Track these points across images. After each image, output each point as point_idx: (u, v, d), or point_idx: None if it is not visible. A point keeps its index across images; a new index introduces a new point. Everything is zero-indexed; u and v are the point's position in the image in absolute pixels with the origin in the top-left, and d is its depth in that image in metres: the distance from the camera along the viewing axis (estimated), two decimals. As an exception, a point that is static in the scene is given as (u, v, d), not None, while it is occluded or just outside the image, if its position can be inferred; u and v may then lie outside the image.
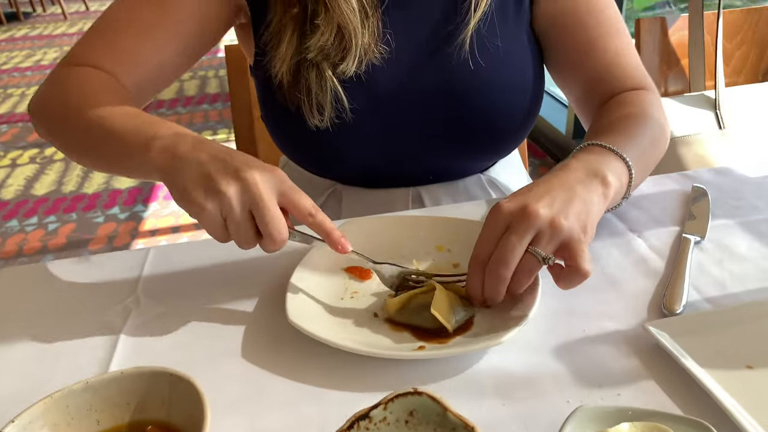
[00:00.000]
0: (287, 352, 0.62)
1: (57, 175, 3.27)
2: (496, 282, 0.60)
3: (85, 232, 2.73)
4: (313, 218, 0.63)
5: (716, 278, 0.69)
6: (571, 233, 0.60)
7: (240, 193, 0.59)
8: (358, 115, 0.83)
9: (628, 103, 0.81)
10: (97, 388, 0.50)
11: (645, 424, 0.47)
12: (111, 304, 0.71)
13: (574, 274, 0.59)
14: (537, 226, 0.59)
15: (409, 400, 0.46)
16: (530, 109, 0.88)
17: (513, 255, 0.59)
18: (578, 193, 0.62)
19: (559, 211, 0.60)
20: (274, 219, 0.60)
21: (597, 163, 0.67)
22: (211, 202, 0.59)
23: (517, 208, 0.60)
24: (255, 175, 0.60)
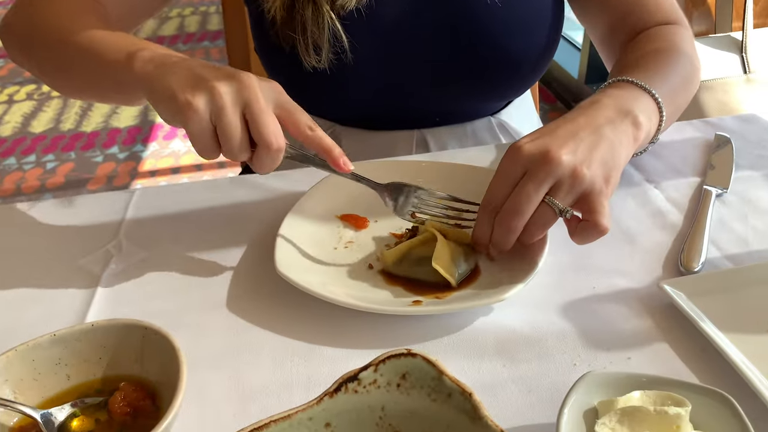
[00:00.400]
0: (275, 304, 0.58)
1: (55, 113, 3.21)
2: (506, 232, 0.56)
3: (84, 172, 2.69)
4: (312, 132, 0.57)
5: (738, 234, 0.65)
6: (592, 184, 0.55)
7: (234, 90, 0.53)
8: (358, 54, 0.77)
9: (659, 37, 0.75)
10: (67, 342, 0.47)
11: (658, 393, 0.43)
12: (91, 248, 0.67)
13: (591, 229, 0.55)
14: (557, 174, 0.54)
15: (402, 361, 0.42)
16: (547, 48, 0.82)
17: (528, 205, 0.55)
18: (606, 135, 0.57)
19: (582, 159, 0.55)
20: (271, 123, 0.54)
21: (628, 100, 0.61)
22: (201, 99, 0.53)
23: (537, 151, 0.55)
24: (252, 78, 0.54)
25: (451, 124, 0.90)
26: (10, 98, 3.39)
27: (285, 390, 0.50)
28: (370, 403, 0.41)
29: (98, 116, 3.15)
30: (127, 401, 0.44)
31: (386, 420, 0.41)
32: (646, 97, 0.63)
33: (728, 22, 1.33)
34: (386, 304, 0.56)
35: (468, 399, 0.38)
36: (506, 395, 0.49)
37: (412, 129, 0.89)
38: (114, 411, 0.44)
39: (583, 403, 0.43)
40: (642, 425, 0.41)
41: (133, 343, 0.47)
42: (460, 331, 0.55)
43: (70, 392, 0.46)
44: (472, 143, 0.90)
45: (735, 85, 1.21)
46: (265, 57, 0.84)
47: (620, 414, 0.41)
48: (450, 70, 0.81)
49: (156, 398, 0.46)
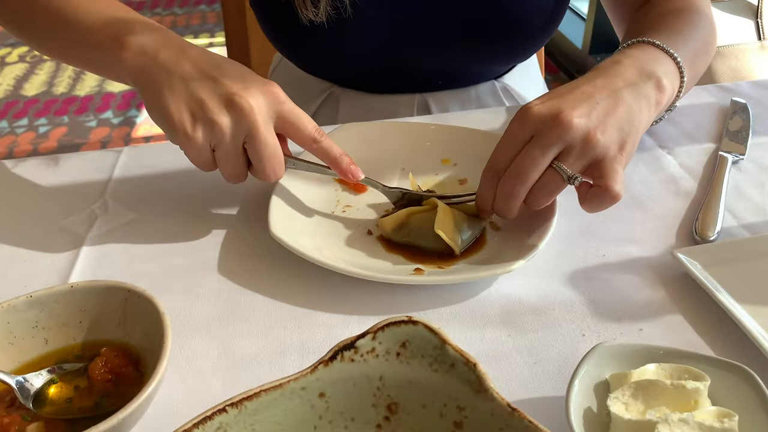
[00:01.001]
0: (268, 268, 0.55)
1: (48, 76, 3.14)
2: (508, 198, 0.52)
3: (77, 136, 2.64)
4: (317, 144, 0.55)
5: (756, 202, 0.62)
6: (606, 150, 0.51)
7: (233, 123, 0.52)
8: (358, 9, 0.73)
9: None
10: (45, 304, 0.44)
11: (674, 366, 0.40)
12: (75, 209, 0.63)
13: (603, 195, 0.51)
14: (567, 139, 0.50)
15: (401, 329, 0.39)
16: (556, 9, 0.78)
17: (533, 170, 0.51)
18: (624, 99, 0.53)
19: (596, 124, 0.51)
20: (270, 154, 0.53)
21: (650, 62, 0.57)
22: (201, 132, 0.52)
23: (547, 113, 0.51)
24: (251, 101, 0.52)
25: (453, 88, 0.86)
26: (1, 60, 3.32)
27: (277, 358, 0.48)
28: (368, 372, 0.38)
29: (92, 80, 3.09)
30: (108, 367, 0.41)
31: (384, 391, 0.38)
32: (668, 59, 0.59)
33: (743, -13, 1.28)
34: (386, 272, 0.53)
35: (472, 370, 0.36)
36: (511, 366, 0.46)
37: (414, 93, 0.85)
38: (94, 377, 0.41)
39: (594, 376, 0.41)
40: (658, 400, 0.38)
41: (116, 307, 0.44)
42: (462, 300, 0.52)
43: (47, 357, 0.44)
44: (476, 108, 0.87)
45: (749, 51, 1.17)
46: (259, 10, 0.80)
47: (634, 388, 0.39)
48: (455, 29, 0.77)
49: (140, 365, 0.43)
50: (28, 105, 2.89)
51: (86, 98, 2.94)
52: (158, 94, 0.53)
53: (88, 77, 3.12)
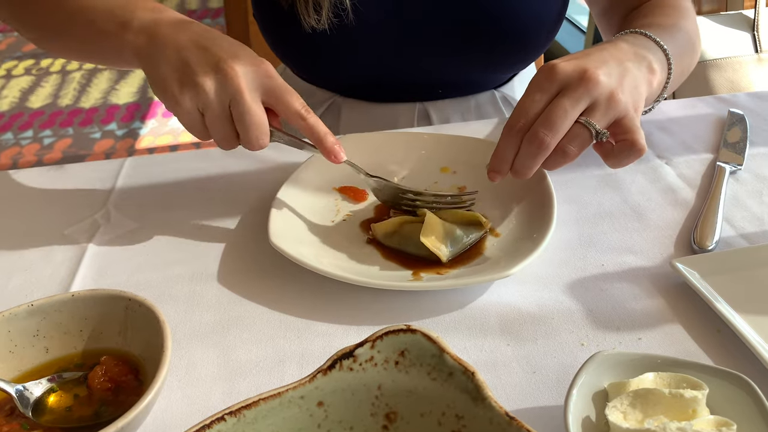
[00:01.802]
0: (268, 277, 0.56)
1: (53, 88, 3.16)
2: (537, 149, 0.51)
3: (82, 148, 2.65)
4: (304, 121, 0.55)
5: (753, 212, 0.62)
6: (626, 109, 0.52)
7: (218, 86, 0.53)
8: (360, 16, 0.74)
9: (662, 5, 0.72)
10: (46, 312, 0.44)
11: (673, 375, 0.41)
12: (78, 218, 0.64)
13: (629, 149, 0.52)
14: (595, 94, 0.51)
15: (400, 338, 0.39)
16: (557, 15, 0.79)
17: (564, 120, 0.51)
18: (631, 69, 0.55)
19: (617, 84, 0.53)
20: (253, 122, 0.53)
21: (643, 48, 0.59)
22: (187, 96, 0.53)
23: (575, 70, 0.52)
24: (237, 68, 0.53)
25: (454, 97, 0.86)
26: (8, 73, 3.35)
27: (277, 367, 0.48)
28: (366, 381, 0.38)
29: (97, 92, 3.11)
30: (108, 376, 0.42)
31: (383, 399, 0.38)
32: (658, 49, 0.62)
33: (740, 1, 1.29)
34: (385, 279, 0.53)
35: (470, 378, 0.36)
36: (510, 375, 0.46)
37: (414, 101, 0.85)
38: (94, 386, 0.41)
39: (592, 385, 0.41)
40: (656, 409, 0.38)
41: (117, 315, 0.44)
42: (461, 308, 0.52)
43: (48, 366, 0.44)
44: (476, 117, 0.87)
45: (746, 64, 1.17)
46: (262, 17, 0.81)
47: (632, 396, 0.39)
48: (456, 37, 0.78)
49: (139, 373, 0.43)
50: (33, 117, 2.91)
51: (91, 110, 2.96)
52: (155, 65, 0.55)
53: (93, 89, 3.14)
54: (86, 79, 3.21)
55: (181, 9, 4.16)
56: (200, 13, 4.09)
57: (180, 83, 0.53)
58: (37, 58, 3.50)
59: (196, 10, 4.15)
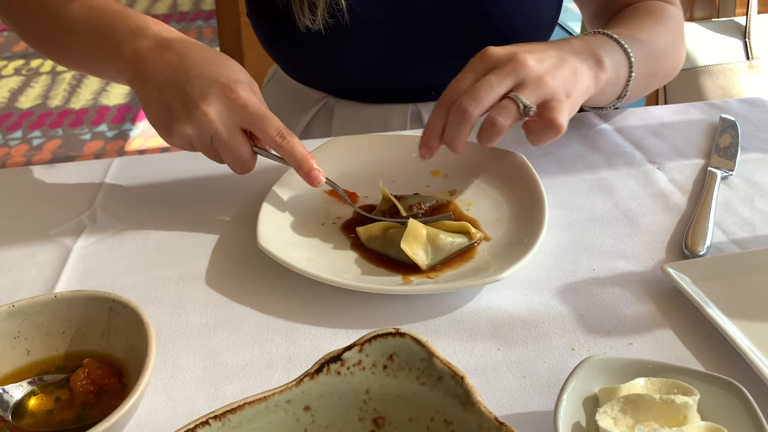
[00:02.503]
0: (257, 280, 0.55)
1: (43, 89, 3.14)
2: (461, 117, 0.54)
3: (71, 149, 2.63)
4: (280, 147, 0.57)
5: (745, 218, 0.62)
6: (555, 92, 0.55)
7: (197, 132, 0.56)
8: (355, 15, 0.73)
9: (646, 12, 0.74)
10: (27, 314, 0.43)
11: (664, 380, 0.40)
12: (63, 218, 0.63)
13: (548, 126, 0.54)
14: (522, 74, 0.54)
15: (389, 341, 0.39)
16: (550, 20, 0.80)
17: (488, 92, 0.54)
18: (569, 61, 0.58)
19: (548, 70, 0.55)
20: (233, 155, 0.57)
21: (596, 45, 0.62)
22: (175, 136, 0.57)
23: (505, 53, 0.56)
24: (209, 110, 0.55)
25: None
26: (-3, 73, 3.32)
27: (264, 370, 0.47)
28: (354, 385, 0.38)
29: (87, 93, 3.09)
30: (90, 379, 0.41)
31: (371, 404, 0.38)
32: (617, 47, 0.63)
33: (731, 8, 1.29)
34: (375, 282, 0.53)
35: (460, 383, 0.35)
36: (500, 380, 0.46)
37: (407, 103, 0.85)
38: (76, 389, 0.41)
39: (582, 390, 0.40)
40: (646, 414, 0.38)
41: (100, 317, 0.43)
42: (451, 312, 0.52)
43: (29, 368, 0.43)
44: None
45: (737, 70, 1.18)
46: (256, 16, 0.80)
47: (623, 402, 0.38)
48: (450, 39, 0.78)
49: (123, 376, 0.42)
50: (23, 117, 2.88)
51: (81, 111, 2.93)
52: (143, 103, 0.59)
53: (84, 90, 3.12)
54: (77, 80, 3.19)
55: (173, 12, 4.14)
56: (193, 15, 4.07)
57: (165, 128, 0.57)
58: (27, 58, 3.47)
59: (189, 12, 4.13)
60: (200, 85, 0.56)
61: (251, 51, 1.13)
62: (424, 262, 0.54)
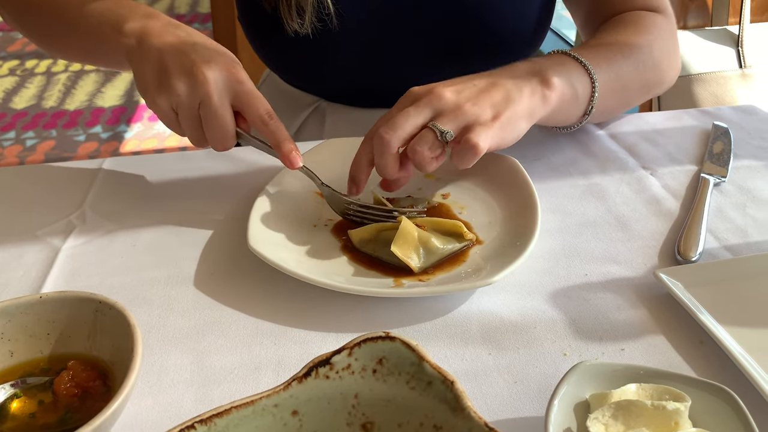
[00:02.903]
0: (246, 283, 0.54)
1: (37, 90, 3.13)
2: (380, 146, 0.56)
3: (65, 150, 2.62)
4: (265, 126, 0.58)
5: (737, 224, 0.62)
6: (477, 117, 0.56)
7: (189, 90, 0.56)
8: (344, 20, 0.73)
9: (630, 23, 0.73)
10: (12, 314, 0.42)
11: (655, 386, 0.40)
12: (52, 219, 0.62)
13: (465, 147, 0.54)
14: (438, 105, 0.56)
15: (378, 345, 0.38)
16: (541, 24, 0.79)
17: (404, 122, 0.56)
18: (503, 84, 0.58)
19: (467, 98, 0.57)
20: (218, 125, 0.57)
21: (547, 66, 0.62)
22: (163, 96, 0.57)
23: (426, 89, 0.58)
24: (208, 73, 0.56)
25: None
26: (-9, 73, 3.30)
27: (252, 374, 0.46)
28: (343, 390, 0.37)
29: (82, 95, 3.07)
30: (75, 382, 0.40)
31: (359, 409, 0.37)
32: (574, 65, 0.64)
33: (725, 17, 1.30)
34: (365, 285, 0.52)
35: (450, 388, 0.35)
36: (491, 385, 0.45)
37: None
38: (60, 392, 0.40)
39: (574, 396, 0.40)
40: (638, 420, 0.37)
41: (86, 319, 0.43)
42: (442, 316, 0.51)
43: (12, 370, 0.42)
44: None
45: (730, 79, 1.18)
46: (246, 21, 0.80)
47: (614, 408, 0.38)
48: (440, 43, 0.77)
49: (108, 379, 0.42)
50: (17, 118, 2.86)
51: (75, 112, 2.92)
52: (139, 66, 0.59)
53: (79, 91, 3.10)
54: (71, 81, 3.17)
55: (170, 14, 4.14)
56: (189, 18, 4.07)
57: (157, 85, 0.57)
58: (22, 58, 3.46)
59: (185, 15, 4.13)
60: (204, 53, 0.57)
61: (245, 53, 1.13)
62: (416, 264, 0.53)
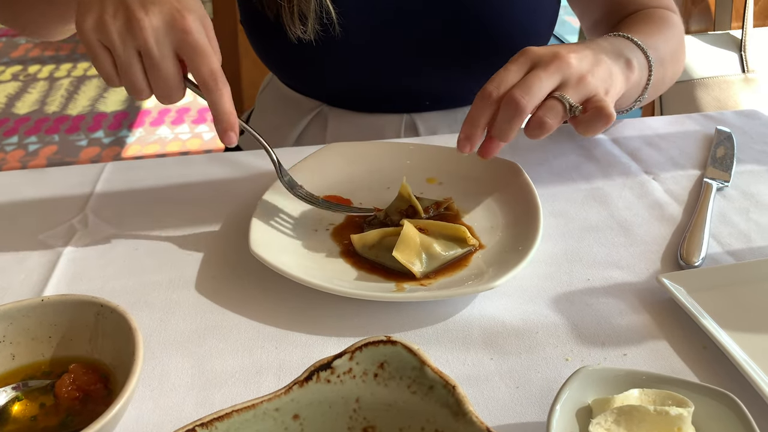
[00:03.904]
0: (248, 286, 0.54)
1: (40, 95, 3.14)
2: (514, 111, 0.53)
3: (67, 155, 2.62)
4: (208, 92, 0.52)
5: (740, 229, 0.61)
6: (597, 89, 0.55)
7: (122, 40, 0.50)
8: (346, 27, 0.73)
9: (650, 14, 0.74)
10: (13, 318, 0.42)
11: (658, 391, 0.40)
12: (54, 223, 0.62)
13: (598, 114, 0.54)
14: (566, 73, 0.55)
15: (380, 349, 0.38)
16: (545, 27, 0.80)
17: (539, 87, 0.53)
18: (605, 61, 0.58)
19: (588, 69, 0.56)
20: (162, 79, 0.51)
21: (623, 48, 0.63)
22: (95, 32, 0.51)
23: (548, 51, 0.56)
24: (146, 22, 0.50)
25: (441, 109, 0.86)
26: (-6, 78, 3.32)
27: (253, 378, 0.46)
28: (344, 394, 0.37)
29: (84, 100, 3.08)
30: (76, 385, 0.40)
31: (361, 413, 0.37)
32: (638, 51, 0.64)
33: (727, 21, 1.30)
34: (367, 289, 0.52)
35: (451, 392, 0.35)
36: (492, 390, 0.45)
37: (402, 113, 0.85)
38: (61, 395, 0.40)
39: (576, 401, 0.40)
40: (640, 426, 0.37)
41: (87, 322, 0.43)
42: (444, 320, 0.51)
43: (14, 373, 0.42)
44: None
45: (733, 83, 1.18)
46: (249, 26, 0.80)
47: (617, 413, 0.38)
48: (442, 48, 0.77)
49: (109, 382, 0.41)
50: (19, 123, 2.87)
51: (78, 117, 2.93)
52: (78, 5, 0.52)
53: (81, 96, 3.11)
54: (74, 86, 3.18)
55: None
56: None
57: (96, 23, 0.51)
58: (25, 64, 3.47)
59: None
60: None
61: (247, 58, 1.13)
62: (418, 270, 0.53)
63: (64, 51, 3.60)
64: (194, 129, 2.80)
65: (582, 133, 0.55)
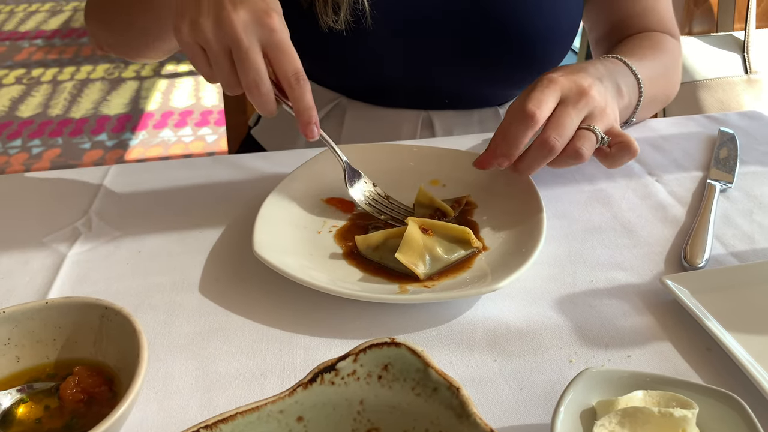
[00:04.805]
0: (251, 289, 0.54)
1: (43, 98, 3.15)
2: (547, 152, 0.57)
3: (71, 158, 2.63)
4: (291, 90, 0.55)
5: (744, 230, 0.61)
6: (615, 122, 0.61)
7: (216, 35, 0.53)
8: (378, 19, 0.74)
9: (649, 37, 0.79)
10: (18, 320, 0.43)
11: (662, 393, 0.40)
12: (58, 225, 0.62)
13: (626, 149, 0.59)
14: (591, 106, 0.59)
15: (384, 351, 0.38)
16: (570, 29, 0.81)
17: (572, 127, 0.58)
18: (608, 89, 0.63)
19: (605, 101, 0.61)
20: (253, 70, 0.53)
21: (614, 71, 0.67)
22: (191, 35, 0.54)
23: (573, 83, 0.60)
24: (233, 18, 0.53)
25: (459, 108, 0.86)
26: (-2, 81, 3.33)
27: (257, 380, 0.46)
28: (348, 396, 0.37)
29: (88, 103, 3.09)
30: (81, 387, 0.40)
31: (365, 415, 0.37)
32: (629, 72, 0.68)
33: (730, 23, 1.30)
34: (370, 291, 0.52)
35: (455, 394, 0.35)
36: (496, 392, 0.45)
37: (420, 109, 0.85)
38: (66, 397, 0.40)
39: (580, 403, 0.40)
40: (645, 428, 0.37)
41: (92, 324, 0.43)
42: (447, 322, 0.51)
43: (19, 376, 0.42)
44: (478, 131, 0.87)
45: (736, 84, 1.18)
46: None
47: (621, 415, 0.38)
48: (472, 46, 0.78)
49: (114, 384, 0.42)
50: (23, 126, 2.88)
51: (81, 120, 2.94)
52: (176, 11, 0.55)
53: (84, 99, 3.12)
54: (77, 89, 3.20)
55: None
56: None
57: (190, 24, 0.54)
58: (29, 67, 3.49)
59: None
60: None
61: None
62: (422, 271, 0.53)
63: (68, 54, 3.62)
64: (197, 132, 2.80)
65: (608, 166, 0.60)
